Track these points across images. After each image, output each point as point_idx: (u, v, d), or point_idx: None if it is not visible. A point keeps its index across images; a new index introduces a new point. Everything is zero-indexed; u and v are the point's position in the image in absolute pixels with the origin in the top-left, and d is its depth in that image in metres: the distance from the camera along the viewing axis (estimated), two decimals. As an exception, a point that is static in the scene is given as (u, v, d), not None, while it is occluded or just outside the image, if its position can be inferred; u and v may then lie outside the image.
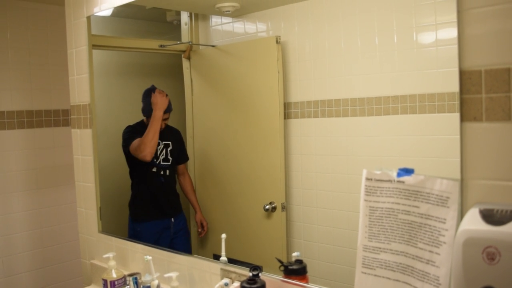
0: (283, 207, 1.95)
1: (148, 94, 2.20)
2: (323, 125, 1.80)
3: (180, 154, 2.28)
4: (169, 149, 2.23)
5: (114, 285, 1.83)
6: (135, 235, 2.19)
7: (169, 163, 2.23)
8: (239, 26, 2.13)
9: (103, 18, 2.19)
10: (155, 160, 2.19)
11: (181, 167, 2.29)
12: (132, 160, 2.22)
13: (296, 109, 1.89)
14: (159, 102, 2.16)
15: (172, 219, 2.27)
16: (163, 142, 2.21)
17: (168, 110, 2.19)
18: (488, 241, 0.93)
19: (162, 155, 2.21)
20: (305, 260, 1.48)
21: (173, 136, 2.27)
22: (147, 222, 2.25)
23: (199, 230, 2.21)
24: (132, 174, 2.28)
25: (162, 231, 2.23)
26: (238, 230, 2.14)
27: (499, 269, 0.91)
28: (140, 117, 2.26)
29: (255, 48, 2.08)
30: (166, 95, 2.19)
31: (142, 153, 2.12)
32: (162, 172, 2.22)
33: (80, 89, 2.19)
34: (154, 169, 2.21)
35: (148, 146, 2.12)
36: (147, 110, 2.18)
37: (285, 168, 1.94)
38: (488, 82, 1.04)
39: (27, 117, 2.86)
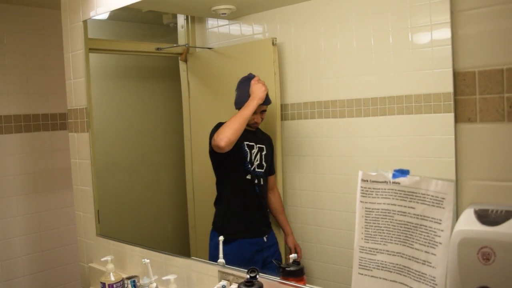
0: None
1: (245, 83, 1.91)
2: (319, 126, 1.81)
3: (272, 163, 1.95)
4: (263, 153, 1.92)
5: (113, 288, 1.83)
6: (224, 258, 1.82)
7: (263, 171, 1.91)
8: (235, 28, 2.13)
9: (100, 21, 2.19)
10: (249, 166, 1.89)
11: (271, 180, 1.95)
12: (221, 166, 1.96)
13: (293, 110, 1.89)
14: (258, 91, 1.84)
15: (265, 238, 1.92)
16: (258, 145, 1.91)
17: (266, 102, 1.88)
18: (483, 242, 0.93)
19: (257, 160, 1.89)
20: (302, 261, 1.48)
21: (267, 141, 1.95)
22: (237, 241, 1.90)
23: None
24: (220, 183, 1.99)
25: (254, 254, 1.90)
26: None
27: (494, 269, 0.92)
28: (139, 118, 2.23)
29: (252, 50, 2.08)
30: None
31: (218, 136, 1.79)
32: (256, 181, 1.89)
33: (77, 93, 2.19)
34: (249, 176, 1.89)
35: (227, 128, 1.79)
36: (242, 101, 1.87)
37: (282, 170, 1.94)
38: (482, 83, 1.05)
39: (24, 121, 2.86)
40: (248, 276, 1.42)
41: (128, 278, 1.84)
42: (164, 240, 2.45)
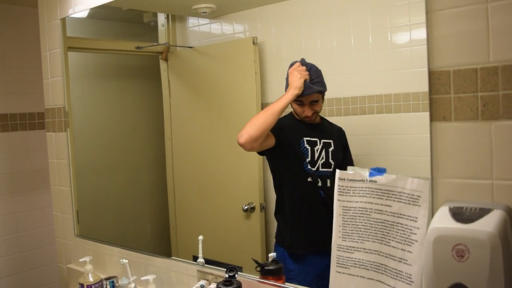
0: (262, 207, 1.95)
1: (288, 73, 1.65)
2: (300, 125, 1.81)
3: (345, 159, 1.62)
4: (330, 149, 1.61)
5: (91, 289, 1.81)
6: (290, 277, 1.56)
7: (331, 170, 1.59)
8: (216, 27, 2.12)
9: (79, 19, 2.17)
10: (309, 166, 1.59)
11: None
12: (275, 168, 1.72)
13: (274, 109, 1.88)
14: (294, 80, 1.57)
15: None
16: (322, 141, 1.61)
17: (306, 92, 1.57)
18: (458, 239, 0.94)
19: (322, 159, 1.60)
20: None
21: (335, 134, 1.64)
22: (304, 257, 1.63)
23: None
24: (277, 189, 1.73)
25: (326, 269, 1.45)
26: (218, 231, 2.13)
27: (468, 266, 0.93)
28: (119, 117, 2.19)
29: (232, 49, 2.08)
30: (309, 70, 1.59)
31: (239, 132, 1.55)
32: (320, 184, 1.59)
33: (54, 92, 2.16)
34: (309, 179, 1.59)
35: (250, 123, 1.55)
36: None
37: (263, 169, 1.94)
38: (456, 82, 1.06)
39: (1, 121, 2.81)
40: (227, 276, 1.42)
41: (107, 279, 1.83)
42: (145, 240, 2.43)
